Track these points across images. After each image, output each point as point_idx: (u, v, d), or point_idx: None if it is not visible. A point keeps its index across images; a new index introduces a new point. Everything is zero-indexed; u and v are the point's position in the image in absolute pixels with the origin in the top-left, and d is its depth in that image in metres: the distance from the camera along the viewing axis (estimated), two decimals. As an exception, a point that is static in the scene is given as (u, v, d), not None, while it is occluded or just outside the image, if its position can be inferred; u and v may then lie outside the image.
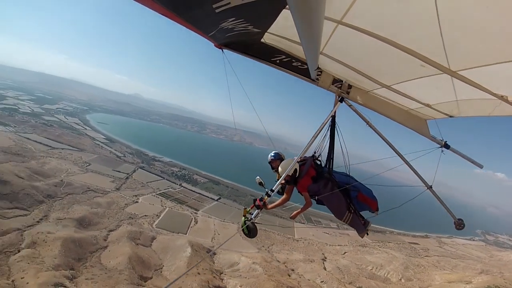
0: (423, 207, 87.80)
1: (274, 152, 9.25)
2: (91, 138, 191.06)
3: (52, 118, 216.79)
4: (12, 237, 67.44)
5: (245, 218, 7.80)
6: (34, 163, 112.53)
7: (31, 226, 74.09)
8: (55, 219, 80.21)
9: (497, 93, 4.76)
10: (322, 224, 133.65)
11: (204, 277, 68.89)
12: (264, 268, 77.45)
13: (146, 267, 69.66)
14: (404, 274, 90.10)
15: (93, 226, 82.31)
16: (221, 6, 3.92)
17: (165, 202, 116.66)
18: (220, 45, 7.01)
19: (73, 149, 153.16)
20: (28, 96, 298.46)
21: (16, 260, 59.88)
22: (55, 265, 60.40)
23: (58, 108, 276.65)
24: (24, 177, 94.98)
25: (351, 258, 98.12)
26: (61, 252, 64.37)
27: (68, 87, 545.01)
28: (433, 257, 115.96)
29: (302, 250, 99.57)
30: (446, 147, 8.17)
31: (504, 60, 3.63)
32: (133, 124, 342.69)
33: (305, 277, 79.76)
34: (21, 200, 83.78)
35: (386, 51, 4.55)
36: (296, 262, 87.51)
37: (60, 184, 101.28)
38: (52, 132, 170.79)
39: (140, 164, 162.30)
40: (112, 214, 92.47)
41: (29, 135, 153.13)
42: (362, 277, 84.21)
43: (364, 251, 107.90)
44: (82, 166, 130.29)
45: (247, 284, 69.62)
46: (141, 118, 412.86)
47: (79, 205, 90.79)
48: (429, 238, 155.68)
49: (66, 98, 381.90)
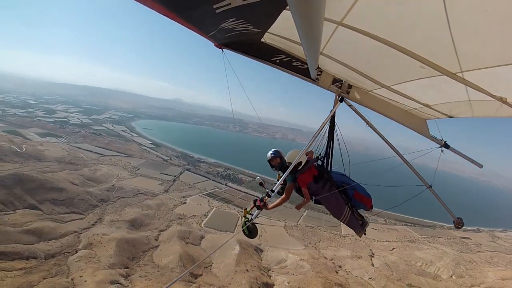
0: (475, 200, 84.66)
1: (273, 150, 9.02)
2: (138, 144, 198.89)
3: (100, 128, 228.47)
4: (69, 239, 71.78)
5: (246, 218, 7.85)
6: (86, 171, 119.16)
7: (87, 228, 78.46)
8: (109, 221, 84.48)
9: (496, 95, 4.75)
10: (369, 220, 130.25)
11: (253, 274, 69.40)
12: (312, 264, 76.66)
13: (197, 264, 70.98)
14: (455, 270, 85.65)
15: (144, 227, 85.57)
16: (221, 7, 3.94)
17: (212, 202, 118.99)
18: (220, 45, 7.03)
19: (122, 155, 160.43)
20: (76, 109, 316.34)
21: (74, 260, 63.46)
22: (111, 264, 63.40)
23: (105, 118, 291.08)
24: (78, 184, 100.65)
25: (400, 254, 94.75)
26: (115, 252, 67.53)
27: (113, 97, 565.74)
28: (485, 253, 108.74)
29: (349, 246, 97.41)
30: (446, 147, 8.10)
31: (503, 63, 3.63)
32: (177, 128, 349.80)
33: (353, 274, 78.09)
34: (77, 205, 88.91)
35: (386, 52, 4.57)
36: (343, 259, 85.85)
37: (112, 188, 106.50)
38: (102, 141, 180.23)
39: (186, 166, 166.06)
40: (162, 215, 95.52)
41: (80, 145, 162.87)
42: (411, 274, 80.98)
43: (413, 246, 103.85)
44: (132, 171, 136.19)
45: (295, 280, 68.96)
46: (184, 122, 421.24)
47: (130, 208, 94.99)
48: (481, 232, 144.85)
49: (112, 107, 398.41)
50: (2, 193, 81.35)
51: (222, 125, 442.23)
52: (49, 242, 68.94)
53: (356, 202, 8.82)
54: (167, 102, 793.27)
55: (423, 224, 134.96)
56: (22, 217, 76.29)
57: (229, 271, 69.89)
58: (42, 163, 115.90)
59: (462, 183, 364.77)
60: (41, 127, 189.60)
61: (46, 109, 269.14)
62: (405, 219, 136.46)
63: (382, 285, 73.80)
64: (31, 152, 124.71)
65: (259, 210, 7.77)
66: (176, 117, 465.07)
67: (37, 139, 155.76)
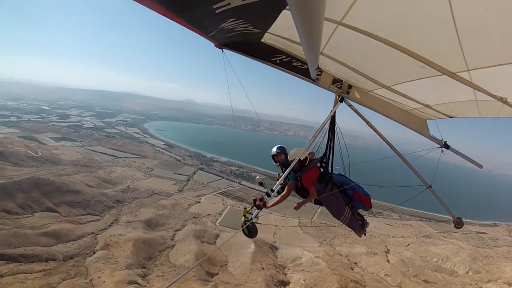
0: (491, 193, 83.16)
1: (278, 146, 8.97)
2: (151, 145, 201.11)
3: (113, 130, 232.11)
4: (87, 240, 72.89)
5: (245, 218, 7.74)
6: (101, 173, 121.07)
7: (103, 229, 79.63)
8: (125, 222, 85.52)
9: (497, 95, 4.70)
10: (383, 215, 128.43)
11: (268, 272, 69.63)
12: (327, 262, 76.44)
13: (212, 263, 71.34)
14: (472, 266, 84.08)
15: (160, 226, 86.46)
16: (221, 7, 3.91)
17: (226, 200, 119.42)
18: (220, 45, 6.94)
19: (136, 157, 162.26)
20: (90, 112, 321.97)
21: (92, 261, 64.52)
22: (128, 264, 64.16)
23: (118, 121, 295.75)
24: (94, 186, 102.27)
25: (415, 250, 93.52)
26: (132, 252, 68.39)
27: (125, 100, 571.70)
28: (502, 248, 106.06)
29: (364, 242, 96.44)
30: (446, 147, 8.04)
31: (503, 62, 3.59)
32: (189, 128, 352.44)
33: (369, 271, 77.68)
34: (93, 206, 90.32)
35: (386, 52, 4.52)
36: (358, 255, 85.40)
37: (127, 189, 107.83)
38: (115, 143, 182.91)
39: (199, 166, 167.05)
40: (177, 214, 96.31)
41: (94, 148, 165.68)
42: (427, 270, 79.94)
43: (428, 242, 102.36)
44: (146, 172, 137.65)
45: (311, 278, 68.93)
46: (195, 122, 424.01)
47: (145, 208, 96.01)
48: (498, 227, 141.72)
49: (124, 110, 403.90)
50: (20, 196, 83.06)
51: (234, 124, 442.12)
52: (67, 244, 70.12)
53: (356, 202, 8.81)
54: (178, 103, 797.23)
55: (438, 219, 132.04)
56: (40, 219, 77.78)
57: (245, 270, 70.25)
58: (58, 167, 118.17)
59: (478, 177, 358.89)
60: (56, 131, 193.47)
61: (60, 114, 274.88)
62: (420, 214, 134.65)
63: (398, 281, 73.34)
64: (47, 156, 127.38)
65: (259, 210, 7.72)
66: (187, 117, 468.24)
67: (52, 144, 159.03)
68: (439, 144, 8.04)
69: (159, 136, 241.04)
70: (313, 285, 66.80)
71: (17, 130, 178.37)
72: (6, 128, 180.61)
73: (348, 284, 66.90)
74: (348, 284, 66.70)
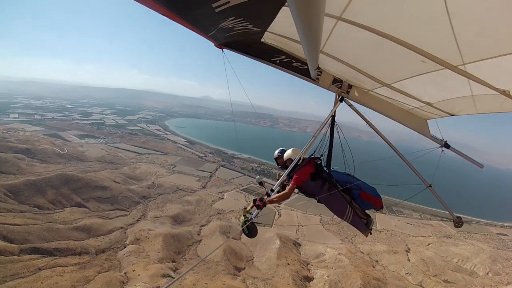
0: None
1: (280, 149, 9.21)
2: (172, 142, 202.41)
3: (135, 128, 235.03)
4: (117, 235, 74.89)
5: (245, 218, 7.48)
6: (126, 169, 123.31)
7: (132, 224, 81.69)
8: (152, 217, 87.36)
9: (499, 88, 4.60)
10: (404, 214, 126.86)
11: (294, 267, 70.24)
12: (350, 259, 76.54)
13: (239, 258, 72.31)
14: (492, 267, 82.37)
15: (186, 222, 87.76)
16: (220, 6, 3.91)
17: (248, 197, 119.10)
18: (220, 45, 6.93)
19: (159, 154, 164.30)
20: (111, 110, 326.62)
21: (125, 255, 66.20)
22: (160, 259, 65.60)
23: (139, 118, 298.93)
24: (120, 182, 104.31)
25: (436, 249, 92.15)
26: (163, 246, 69.80)
27: (144, 98, 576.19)
28: None
29: (385, 241, 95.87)
30: (446, 147, 8.01)
31: (504, 52, 3.53)
32: (208, 125, 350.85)
33: (390, 269, 77.46)
34: (121, 202, 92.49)
35: (387, 47, 4.46)
36: (380, 253, 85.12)
37: (152, 186, 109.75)
38: (138, 140, 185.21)
39: (221, 163, 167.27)
40: (201, 210, 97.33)
41: (117, 145, 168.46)
42: (447, 270, 78.83)
43: (449, 242, 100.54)
44: (169, 168, 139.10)
45: (334, 274, 69.29)
46: (215, 119, 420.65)
47: (171, 204, 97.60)
48: None
49: (145, 108, 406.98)
50: (50, 193, 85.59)
51: (253, 121, 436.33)
52: (98, 238, 72.24)
53: (363, 202, 8.70)
54: (196, 100, 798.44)
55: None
56: (71, 214, 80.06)
57: (271, 265, 70.95)
58: (84, 163, 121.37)
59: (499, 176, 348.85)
60: (79, 129, 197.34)
61: (82, 112, 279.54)
62: (441, 213, 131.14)
63: (419, 280, 73.12)
64: (73, 153, 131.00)
65: (259, 210, 7.38)
66: (206, 114, 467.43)
67: (76, 141, 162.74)
68: (439, 144, 8.06)
69: (180, 133, 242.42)
70: (337, 281, 67.25)
71: (42, 128, 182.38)
72: (32, 126, 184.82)
73: (371, 281, 67.22)
74: (370, 281, 67.02)
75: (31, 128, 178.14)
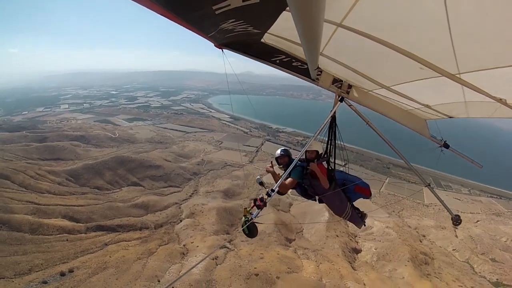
0: None
1: (282, 149, 9.07)
2: (217, 119, 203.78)
3: (180, 107, 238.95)
4: (172, 210, 79.06)
5: (246, 218, 7.32)
6: (175, 148, 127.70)
7: (185, 200, 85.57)
8: (204, 192, 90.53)
9: (496, 96, 4.67)
10: (452, 189, 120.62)
11: (342, 239, 70.90)
12: (398, 232, 75.74)
13: (289, 230, 73.58)
14: None
15: (236, 196, 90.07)
16: (221, 8, 3.88)
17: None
18: (220, 45, 6.87)
19: (205, 131, 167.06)
20: (155, 93, 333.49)
21: (182, 228, 69.87)
22: (215, 231, 68.73)
23: (182, 98, 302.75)
24: (171, 160, 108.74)
25: (484, 227, 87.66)
26: (217, 219, 72.75)
27: (186, 78, 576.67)
28: None
29: (432, 216, 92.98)
30: (446, 147, 8.04)
31: (503, 65, 3.58)
32: (251, 100, 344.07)
33: (437, 244, 76.12)
34: (173, 179, 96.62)
35: (386, 54, 4.50)
36: (427, 228, 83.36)
37: (201, 162, 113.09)
38: (183, 119, 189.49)
39: (266, 137, 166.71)
40: (250, 184, 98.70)
41: (165, 125, 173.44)
42: (495, 249, 75.00)
43: (498, 220, 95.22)
44: (216, 145, 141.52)
45: (382, 247, 69.43)
46: (257, 94, 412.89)
47: (221, 179, 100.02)
48: None
49: (187, 87, 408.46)
50: (107, 174, 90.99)
51: (296, 94, 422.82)
52: (155, 213, 76.67)
53: (357, 194, 8.96)
54: (238, 77, 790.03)
55: (510, 197, 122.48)
56: (128, 193, 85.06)
57: (320, 236, 71.90)
58: (135, 145, 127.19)
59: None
60: (127, 113, 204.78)
61: (128, 97, 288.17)
62: (491, 190, 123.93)
63: (466, 257, 71.31)
64: (124, 136, 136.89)
65: (259, 210, 7.18)
66: (249, 89, 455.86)
67: (125, 124, 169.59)
68: (439, 144, 8.10)
69: (224, 110, 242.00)
70: (385, 253, 67.63)
71: (92, 115, 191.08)
72: (82, 114, 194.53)
73: (418, 255, 67.01)
74: (418, 256, 66.85)
75: (82, 116, 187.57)
